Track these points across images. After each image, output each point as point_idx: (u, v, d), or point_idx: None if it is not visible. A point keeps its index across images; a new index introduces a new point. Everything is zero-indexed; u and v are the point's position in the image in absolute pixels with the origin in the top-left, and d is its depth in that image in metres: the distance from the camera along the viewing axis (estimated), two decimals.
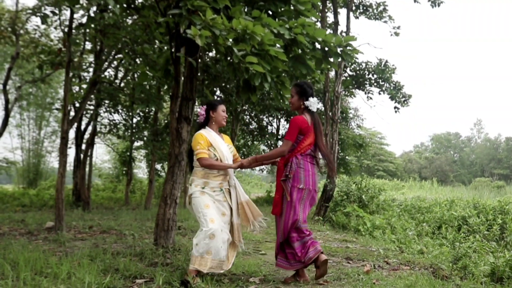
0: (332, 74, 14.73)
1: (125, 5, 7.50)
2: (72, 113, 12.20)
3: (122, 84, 16.16)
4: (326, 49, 5.92)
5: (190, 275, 4.45)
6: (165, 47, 8.66)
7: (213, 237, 4.47)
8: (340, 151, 22.81)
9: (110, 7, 5.15)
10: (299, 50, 5.90)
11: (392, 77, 18.21)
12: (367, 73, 18.47)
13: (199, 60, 11.53)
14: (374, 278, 4.89)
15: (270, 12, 6.40)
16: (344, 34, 14.91)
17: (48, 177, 29.03)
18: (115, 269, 4.96)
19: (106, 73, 16.28)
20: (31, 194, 20.16)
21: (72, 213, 12.78)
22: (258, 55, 5.17)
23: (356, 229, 10.74)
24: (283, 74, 6.37)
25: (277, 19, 6.05)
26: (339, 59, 6.10)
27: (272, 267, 5.48)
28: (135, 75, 15.86)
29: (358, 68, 18.48)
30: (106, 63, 15.14)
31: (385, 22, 16.56)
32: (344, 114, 23.24)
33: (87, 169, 15.78)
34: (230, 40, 4.93)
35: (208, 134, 4.88)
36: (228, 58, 5.55)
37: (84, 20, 10.20)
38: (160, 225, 6.44)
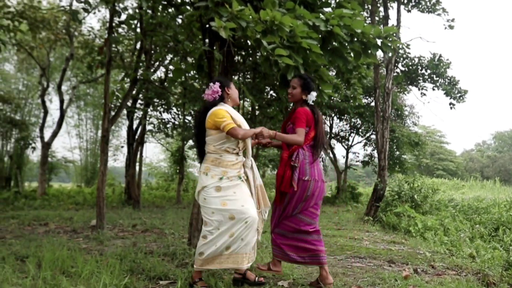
0: (383, 69, 14.29)
1: (164, 2, 7.47)
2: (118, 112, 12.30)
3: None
4: (365, 41, 5.63)
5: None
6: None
7: None
8: (395, 150, 22.25)
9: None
10: (336, 42, 5.63)
11: (446, 72, 17.50)
12: (420, 68, 17.81)
13: (250, 58, 11.47)
14: (411, 284, 4.57)
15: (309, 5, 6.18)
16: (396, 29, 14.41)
17: None
18: (142, 269, 4.85)
19: (157, 73, 16.50)
20: (85, 192, 20.60)
21: (121, 212, 12.92)
22: (290, 48, 4.96)
23: (406, 230, 10.31)
24: (322, 68, 6.13)
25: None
26: (378, 51, 5.79)
27: (305, 271, 5.23)
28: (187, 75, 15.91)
29: (410, 64, 17.84)
30: (158, 62, 15.31)
31: (439, 15, 15.87)
32: (399, 112, 22.62)
33: (137, 168, 15.94)
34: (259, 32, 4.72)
35: (228, 109, 4.47)
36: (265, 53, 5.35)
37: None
38: (194, 225, 6.31)
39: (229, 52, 5.99)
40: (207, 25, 6.26)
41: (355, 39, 5.62)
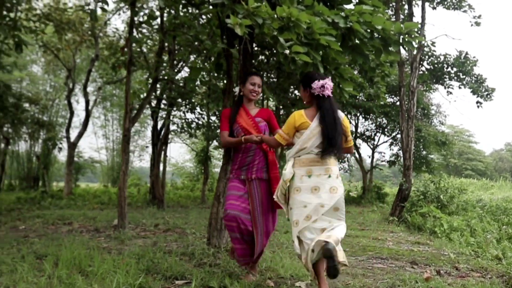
0: (408, 68, 14.09)
1: (184, 1, 7.47)
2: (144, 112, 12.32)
3: (198, 83, 16.19)
4: (386, 37, 5.52)
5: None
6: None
7: None
8: (422, 149, 21.95)
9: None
10: (356, 39, 5.53)
11: (473, 70, 17.13)
12: (445, 66, 17.47)
13: (274, 58, 11.41)
14: (432, 286, 4.44)
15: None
16: (419, 25, 14.17)
17: (130, 175, 29.89)
18: (159, 268, 4.81)
19: (181, 73, 16.50)
20: (111, 192, 20.77)
21: (145, 211, 12.96)
22: (308, 45, 4.89)
23: (432, 231, 10.12)
24: (343, 66, 6.04)
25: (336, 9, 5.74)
26: (399, 48, 5.68)
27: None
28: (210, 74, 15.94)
29: (436, 61, 17.51)
30: (182, 62, 15.33)
31: (465, 11, 15.56)
32: (425, 111, 22.30)
33: (161, 168, 16.00)
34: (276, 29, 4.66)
35: None
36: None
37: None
38: (213, 224, 6.27)
39: (247, 50, 5.93)
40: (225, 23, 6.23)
41: (376, 36, 5.53)
